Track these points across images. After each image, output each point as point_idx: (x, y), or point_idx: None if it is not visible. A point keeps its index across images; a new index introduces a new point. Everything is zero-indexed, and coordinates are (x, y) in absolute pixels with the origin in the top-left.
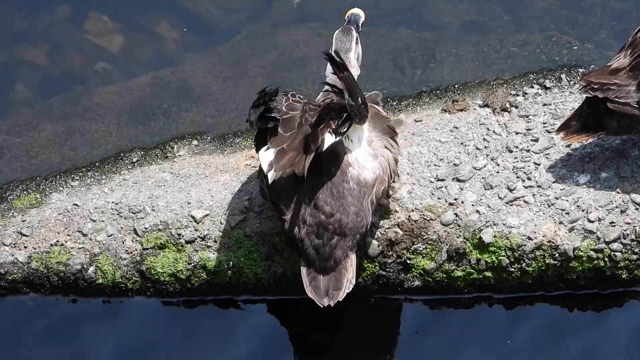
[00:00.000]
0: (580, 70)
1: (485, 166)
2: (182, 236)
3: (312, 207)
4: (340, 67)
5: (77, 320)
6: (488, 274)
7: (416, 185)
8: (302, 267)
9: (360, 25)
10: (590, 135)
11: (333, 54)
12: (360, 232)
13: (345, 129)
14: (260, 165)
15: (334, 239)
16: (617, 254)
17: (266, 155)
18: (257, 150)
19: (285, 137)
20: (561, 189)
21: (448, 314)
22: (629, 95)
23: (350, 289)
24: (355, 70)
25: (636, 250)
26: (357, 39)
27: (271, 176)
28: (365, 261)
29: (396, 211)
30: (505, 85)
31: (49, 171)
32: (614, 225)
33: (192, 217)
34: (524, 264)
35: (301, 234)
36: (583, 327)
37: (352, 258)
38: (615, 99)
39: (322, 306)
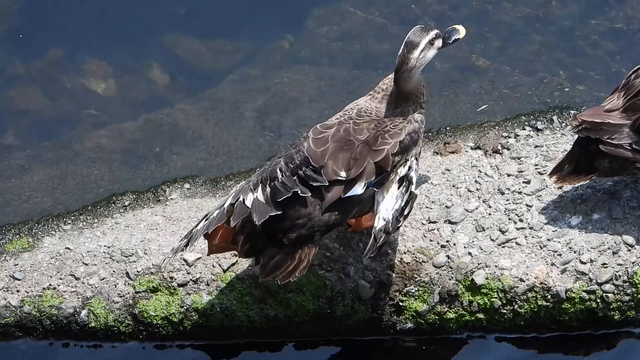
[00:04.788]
0: (572, 111)
1: (477, 208)
2: (175, 279)
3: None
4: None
5: None
6: (480, 315)
7: (408, 227)
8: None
9: (452, 38)
10: (582, 178)
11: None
12: (329, 225)
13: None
14: None
15: (301, 219)
16: (609, 295)
17: None
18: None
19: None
20: (553, 231)
21: (441, 356)
22: (622, 136)
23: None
24: (412, 73)
25: (628, 291)
26: (431, 42)
27: None
28: (358, 303)
29: (388, 253)
30: (496, 128)
31: (41, 215)
32: (606, 267)
33: (185, 260)
34: (516, 306)
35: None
36: None
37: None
38: (608, 141)
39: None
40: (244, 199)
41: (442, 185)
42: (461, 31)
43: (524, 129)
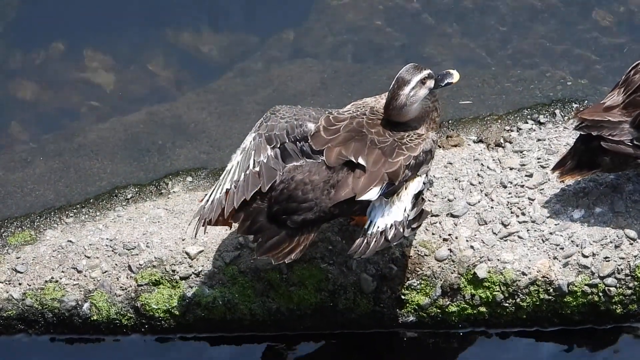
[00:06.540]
0: (574, 105)
1: (479, 202)
2: (177, 272)
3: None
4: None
5: (72, 357)
6: (482, 309)
7: None
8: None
9: (445, 81)
10: (584, 173)
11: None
12: (334, 214)
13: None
14: None
15: (307, 202)
16: (611, 288)
17: None
18: None
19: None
20: (555, 224)
21: (442, 349)
22: (622, 133)
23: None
24: (404, 110)
25: (630, 285)
26: (423, 81)
27: None
28: (360, 297)
29: (390, 247)
30: (499, 121)
31: (43, 208)
32: (608, 260)
33: (187, 253)
34: (518, 299)
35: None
36: None
37: (309, 237)
38: (609, 137)
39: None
40: (264, 160)
41: (444, 179)
42: (455, 76)
43: (527, 123)
